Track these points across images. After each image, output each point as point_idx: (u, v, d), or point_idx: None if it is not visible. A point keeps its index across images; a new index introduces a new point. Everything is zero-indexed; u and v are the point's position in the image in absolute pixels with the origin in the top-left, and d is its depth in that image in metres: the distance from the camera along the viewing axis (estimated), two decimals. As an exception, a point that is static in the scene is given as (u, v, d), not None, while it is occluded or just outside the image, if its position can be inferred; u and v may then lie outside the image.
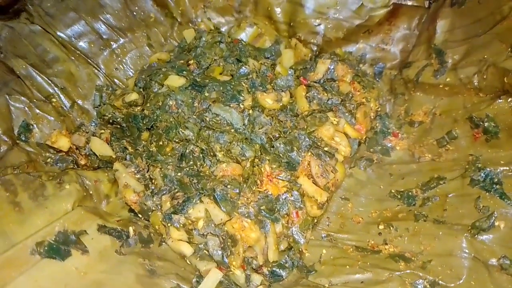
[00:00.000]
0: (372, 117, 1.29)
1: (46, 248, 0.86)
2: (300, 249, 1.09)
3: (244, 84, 1.20)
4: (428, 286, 0.93)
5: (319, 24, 1.38)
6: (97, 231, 0.96)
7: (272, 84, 1.23)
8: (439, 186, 1.10)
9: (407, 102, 1.29)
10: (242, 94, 1.17)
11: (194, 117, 1.16)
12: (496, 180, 1.01)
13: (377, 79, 1.37)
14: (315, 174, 1.12)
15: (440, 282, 0.93)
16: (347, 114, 1.23)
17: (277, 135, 1.16)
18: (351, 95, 1.27)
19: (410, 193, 1.13)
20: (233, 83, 1.19)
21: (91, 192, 1.07)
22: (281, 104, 1.19)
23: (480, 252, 0.95)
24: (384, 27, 1.34)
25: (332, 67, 1.29)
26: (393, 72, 1.36)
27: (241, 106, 1.16)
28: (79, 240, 0.91)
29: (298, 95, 1.23)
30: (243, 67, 1.23)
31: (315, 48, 1.42)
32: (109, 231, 0.98)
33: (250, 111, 1.16)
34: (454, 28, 1.20)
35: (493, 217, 0.96)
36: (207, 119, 1.15)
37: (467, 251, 0.95)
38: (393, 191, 1.17)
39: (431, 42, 1.23)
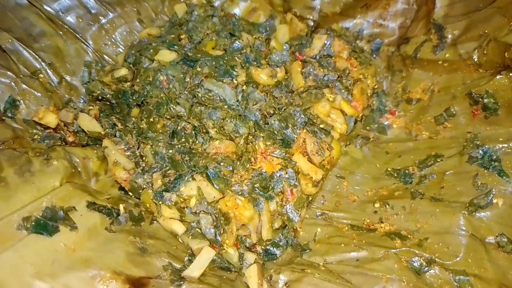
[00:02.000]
0: (369, 94, 1.26)
1: (33, 223, 0.83)
2: (295, 228, 1.07)
3: (237, 59, 1.16)
4: (424, 263, 0.92)
5: (315, -1, 1.34)
6: (86, 208, 0.93)
7: (266, 59, 1.20)
8: (437, 164, 1.08)
9: (405, 79, 1.26)
10: (236, 69, 1.14)
11: (186, 92, 1.12)
12: (494, 157, 0.99)
13: (374, 55, 1.34)
14: (310, 151, 1.09)
15: (436, 259, 0.92)
16: (343, 90, 1.20)
17: (271, 112, 1.12)
18: (348, 72, 1.23)
19: (406, 171, 1.12)
20: (226, 58, 1.15)
21: (79, 170, 1.04)
22: (275, 80, 1.16)
23: (477, 230, 0.94)
24: (382, 2, 1.31)
25: (328, 42, 1.26)
26: (391, 48, 1.33)
27: (235, 81, 1.13)
28: (68, 216, 0.88)
29: (293, 71, 1.20)
30: (237, 42, 1.19)
31: (311, 24, 1.38)
32: (98, 208, 0.95)
33: (244, 87, 1.13)
34: (454, 2, 1.17)
35: (491, 195, 0.95)
36: (199, 95, 1.11)
37: (464, 228, 0.94)
38: (389, 169, 1.15)
39: (430, 17, 1.20)
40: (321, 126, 1.14)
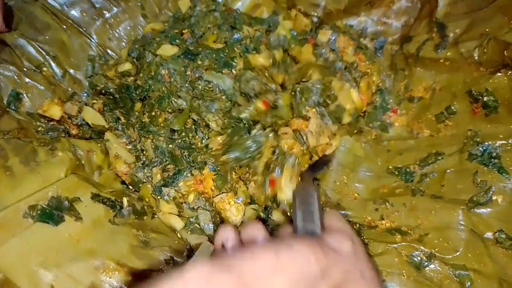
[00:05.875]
0: (373, 91, 1.26)
1: (39, 212, 0.83)
2: (296, 225, 1.07)
3: (237, 50, 1.16)
4: (424, 258, 0.93)
5: (320, -5, 1.34)
6: (91, 199, 0.94)
7: (266, 46, 1.20)
8: (437, 162, 1.08)
9: (407, 78, 1.26)
10: (235, 60, 1.14)
11: (187, 85, 1.12)
12: (494, 154, 1.00)
13: (378, 54, 1.34)
14: (309, 131, 1.09)
15: (436, 254, 0.93)
16: (351, 81, 1.20)
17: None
18: (356, 65, 1.24)
19: (407, 169, 1.12)
20: (226, 50, 1.15)
21: (83, 162, 1.04)
22: (271, 60, 1.16)
23: (476, 226, 0.94)
24: (386, 0, 1.31)
25: (333, 38, 1.26)
26: (394, 47, 1.33)
27: (234, 72, 1.13)
28: (73, 206, 0.89)
29: (305, 51, 1.20)
30: (237, 33, 1.19)
31: (315, 20, 1.38)
32: (102, 200, 0.96)
33: (239, 72, 1.13)
34: (456, 1, 1.17)
35: (491, 192, 0.96)
36: (200, 87, 1.11)
37: (463, 223, 0.95)
38: (390, 167, 1.15)
39: (432, 15, 1.21)
40: (336, 103, 1.14)
